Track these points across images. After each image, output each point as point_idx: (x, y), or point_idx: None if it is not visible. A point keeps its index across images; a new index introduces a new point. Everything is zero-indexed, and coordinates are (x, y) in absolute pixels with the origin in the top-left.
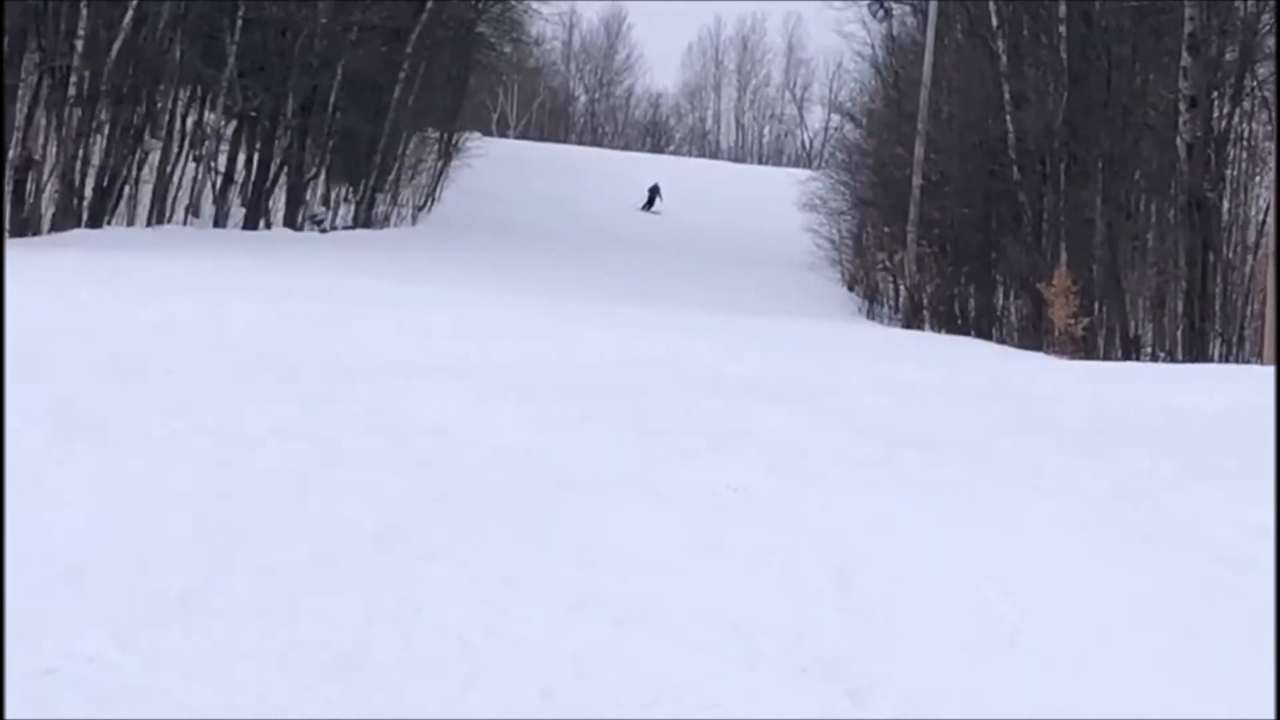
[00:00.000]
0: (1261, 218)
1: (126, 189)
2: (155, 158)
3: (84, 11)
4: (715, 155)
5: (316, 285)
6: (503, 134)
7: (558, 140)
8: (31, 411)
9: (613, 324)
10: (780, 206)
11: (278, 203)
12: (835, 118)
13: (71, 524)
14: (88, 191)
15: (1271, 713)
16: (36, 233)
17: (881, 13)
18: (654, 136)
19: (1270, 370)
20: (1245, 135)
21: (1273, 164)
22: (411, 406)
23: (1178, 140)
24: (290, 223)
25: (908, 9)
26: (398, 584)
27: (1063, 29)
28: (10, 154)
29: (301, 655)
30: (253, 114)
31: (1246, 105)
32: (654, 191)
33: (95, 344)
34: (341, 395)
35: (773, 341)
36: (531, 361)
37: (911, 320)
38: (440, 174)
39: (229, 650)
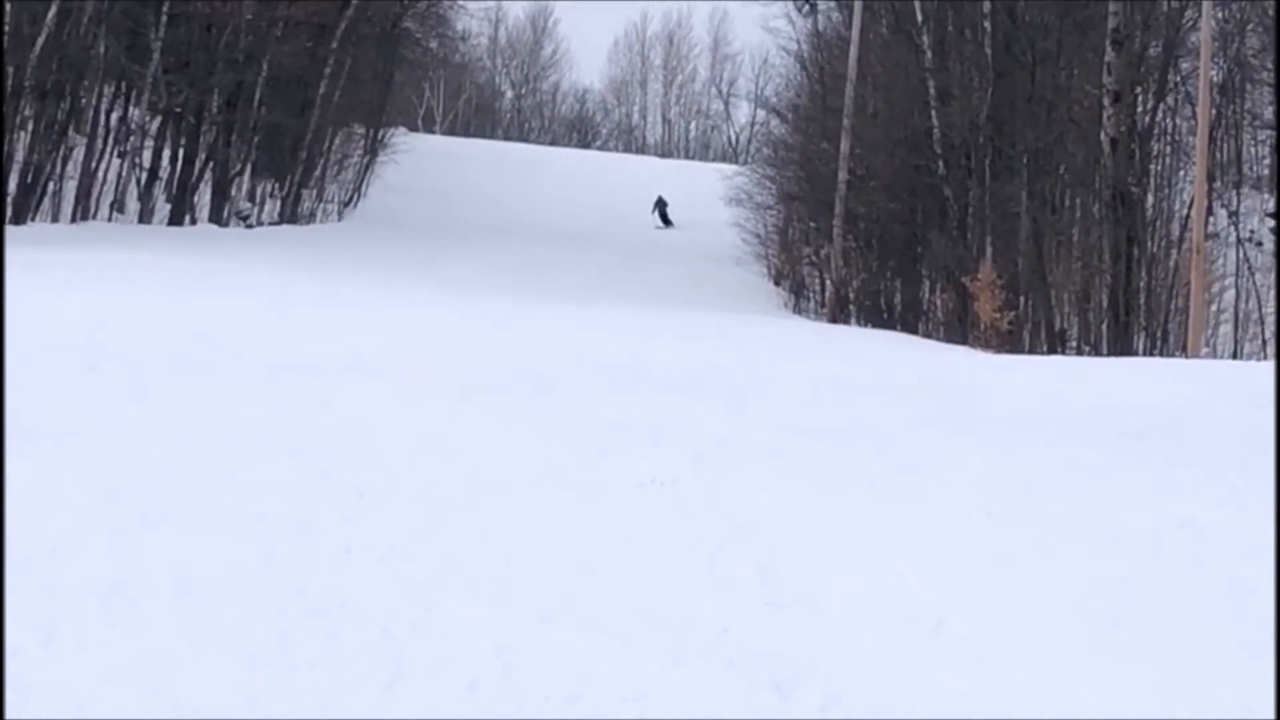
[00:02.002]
0: (1185, 212)
1: (50, 185)
2: (80, 154)
3: (7, 7)
4: (642, 151)
5: (241, 282)
6: (429, 130)
7: (484, 136)
8: None
9: (538, 320)
10: (706, 201)
11: (203, 199)
12: (761, 113)
13: None
14: (12, 188)
15: (1272, 713)
16: None
17: (807, 8)
18: (580, 132)
19: (1199, 364)
20: (1169, 130)
21: (1196, 158)
22: (334, 403)
23: (1102, 135)
24: (216, 219)
25: (833, 4)
26: (321, 579)
27: (987, 24)
28: None
29: (224, 650)
30: (177, 110)
31: (1170, 100)
32: (662, 205)
33: (15, 340)
34: (264, 391)
35: (699, 336)
36: (455, 358)
37: (838, 314)
38: (366, 170)
39: (151, 646)
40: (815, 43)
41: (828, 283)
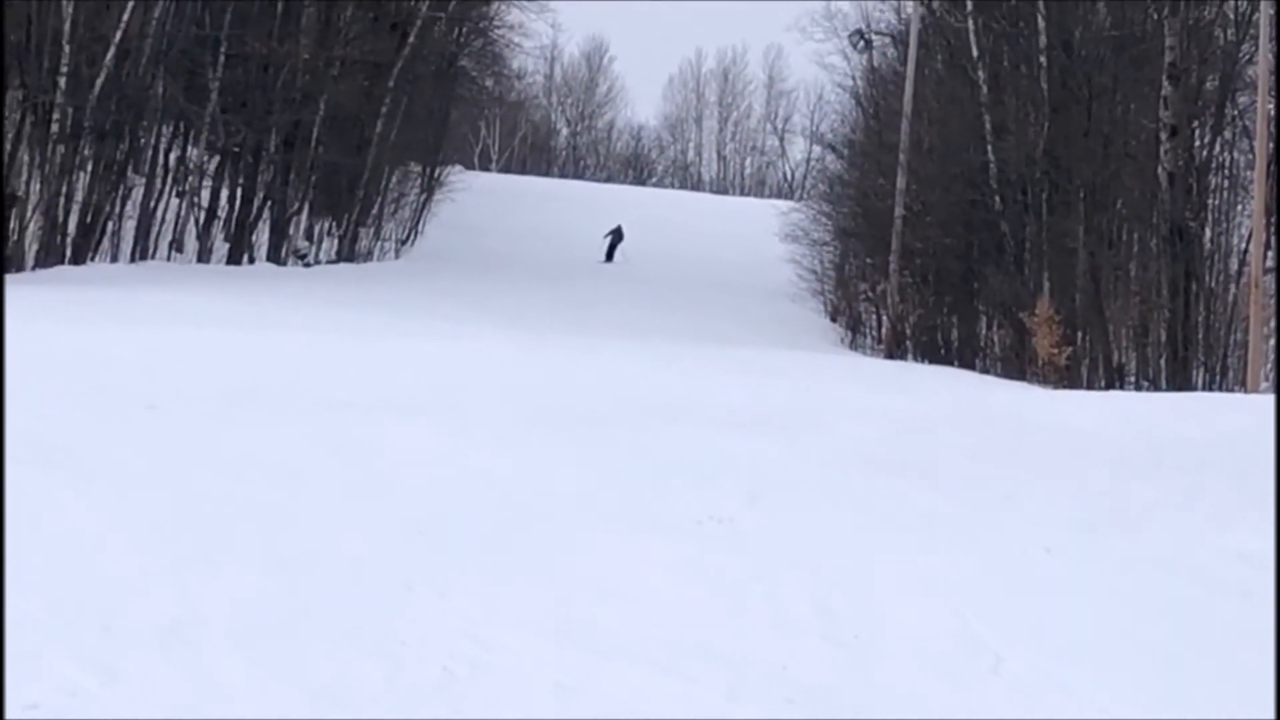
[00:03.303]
0: (1243, 246)
1: (110, 225)
2: (138, 193)
3: (67, 49)
4: (697, 187)
5: (298, 319)
6: (485, 167)
7: (540, 173)
8: (7, 446)
9: (595, 356)
10: (762, 238)
11: (261, 237)
12: (816, 149)
13: (51, 557)
14: (71, 228)
15: (1271, 713)
16: (20, 269)
17: (862, 44)
18: (636, 169)
19: (1256, 399)
20: (1226, 164)
21: (1254, 192)
22: (391, 439)
23: (1159, 169)
24: (274, 257)
25: (888, 40)
26: (379, 615)
27: (1043, 59)
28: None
29: (284, 687)
30: (235, 149)
31: (1227, 134)
32: (615, 237)
33: (75, 378)
34: (322, 429)
35: (755, 372)
36: (512, 395)
37: (894, 350)
38: (423, 208)
39: (211, 683)
40: (870, 78)
41: (884, 318)
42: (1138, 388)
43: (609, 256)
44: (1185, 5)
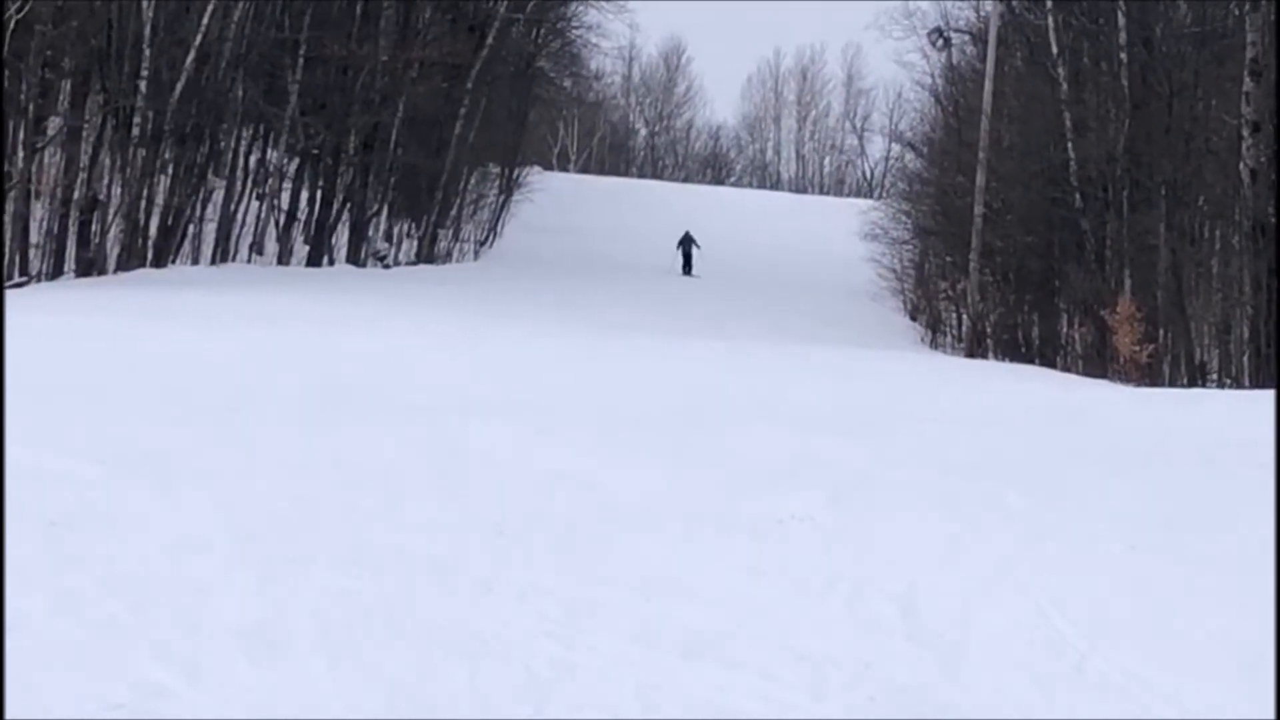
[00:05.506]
0: None
1: (191, 228)
2: (219, 196)
3: (147, 52)
4: (776, 186)
5: (378, 322)
6: (563, 168)
7: (618, 173)
8: (93, 448)
9: (676, 356)
10: (842, 237)
11: (341, 239)
12: (896, 147)
13: (136, 558)
14: (152, 231)
15: (1271, 713)
16: (102, 272)
17: (941, 42)
18: (714, 169)
19: None
20: None
21: None
22: (471, 440)
23: (1241, 165)
24: (353, 259)
25: (967, 38)
26: (461, 615)
27: (1124, 55)
28: (76, 194)
29: (367, 687)
30: (315, 152)
31: None
32: (687, 244)
33: (158, 381)
34: (403, 430)
35: (835, 371)
36: (592, 394)
37: (975, 349)
38: (501, 209)
39: (295, 682)
40: (949, 76)
41: (964, 317)
42: (1220, 385)
43: (687, 268)
44: (1267, 1)
